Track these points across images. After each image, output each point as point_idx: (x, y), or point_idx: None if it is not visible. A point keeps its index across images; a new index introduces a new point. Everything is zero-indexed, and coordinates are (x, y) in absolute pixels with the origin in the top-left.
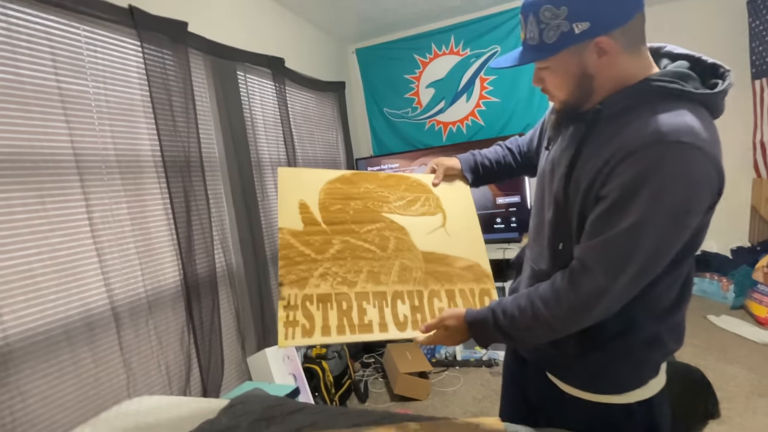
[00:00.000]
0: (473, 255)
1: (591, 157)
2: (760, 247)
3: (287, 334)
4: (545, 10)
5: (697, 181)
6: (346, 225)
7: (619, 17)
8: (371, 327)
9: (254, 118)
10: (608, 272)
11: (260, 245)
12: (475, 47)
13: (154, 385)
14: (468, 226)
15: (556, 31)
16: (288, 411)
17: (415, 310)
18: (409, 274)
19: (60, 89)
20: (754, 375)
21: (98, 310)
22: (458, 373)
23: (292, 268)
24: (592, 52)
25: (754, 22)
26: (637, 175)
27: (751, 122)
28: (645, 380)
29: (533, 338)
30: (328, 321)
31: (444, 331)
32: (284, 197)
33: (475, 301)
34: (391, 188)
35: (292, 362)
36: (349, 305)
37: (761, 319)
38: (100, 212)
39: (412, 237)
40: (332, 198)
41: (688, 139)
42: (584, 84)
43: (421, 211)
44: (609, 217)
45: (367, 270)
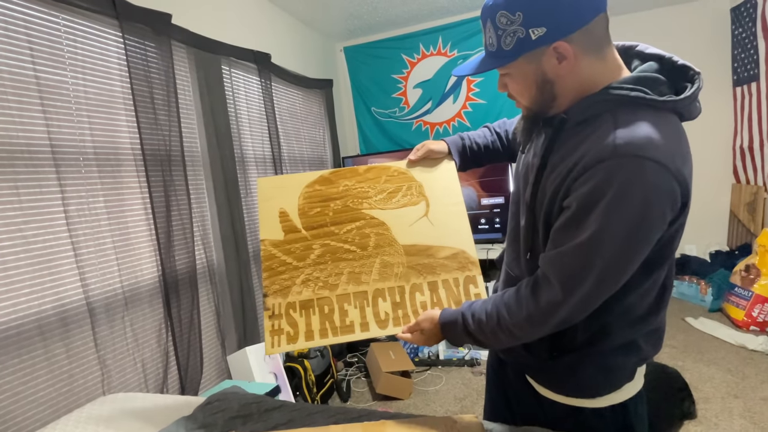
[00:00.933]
0: (458, 242)
1: (556, 166)
2: (738, 251)
3: (273, 343)
4: (501, 16)
5: (655, 194)
6: (325, 228)
7: (577, 21)
8: (353, 328)
9: (239, 113)
10: (565, 285)
11: (242, 242)
12: (463, 49)
13: (129, 383)
14: (453, 212)
15: (512, 38)
16: (265, 408)
17: (396, 306)
18: (390, 270)
19: (37, 79)
20: (730, 377)
21: (73, 305)
22: (440, 372)
23: (276, 278)
24: (551, 57)
25: (737, 29)
26: (593, 189)
27: (731, 128)
28: (619, 385)
29: (498, 343)
30: (311, 326)
31: (420, 334)
32: (264, 207)
33: (459, 291)
34: (371, 182)
35: (273, 361)
36: (331, 308)
37: (738, 321)
38: (76, 205)
39: (393, 231)
40: (311, 202)
41: (644, 152)
42: (545, 90)
43: (403, 201)
44: (567, 229)
45: (348, 271)
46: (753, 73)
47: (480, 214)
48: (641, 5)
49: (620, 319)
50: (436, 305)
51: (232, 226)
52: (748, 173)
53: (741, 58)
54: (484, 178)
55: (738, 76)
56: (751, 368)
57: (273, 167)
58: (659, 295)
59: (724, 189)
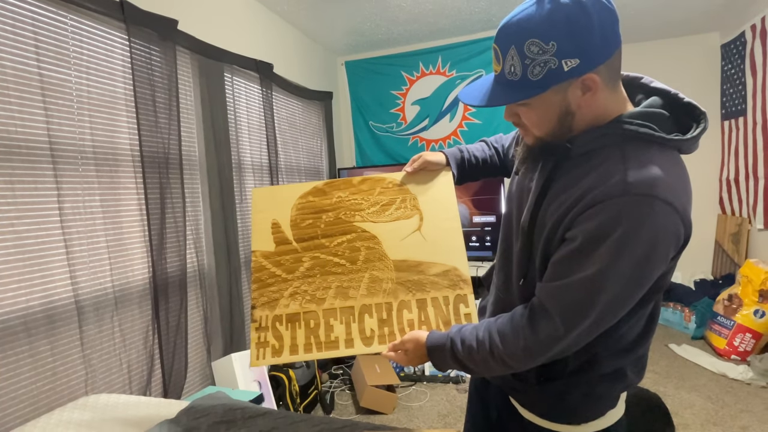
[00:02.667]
0: (450, 258)
1: (557, 195)
2: (722, 281)
3: (258, 355)
4: (531, 44)
5: (662, 235)
6: (316, 240)
7: (606, 53)
8: (337, 344)
9: (238, 120)
10: (567, 319)
11: (234, 248)
12: (461, 69)
13: (113, 384)
14: (446, 227)
15: (543, 68)
16: (249, 415)
17: (382, 323)
18: (379, 285)
19: (41, 76)
20: (710, 404)
21: (61, 302)
22: (425, 388)
23: (264, 290)
24: (576, 88)
25: (727, 65)
26: (603, 225)
27: (719, 160)
28: (603, 411)
29: (488, 371)
30: (296, 340)
31: (404, 355)
32: (257, 218)
33: (448, 310)
34: (364, 193)
35: (258, 369)
36: (317, 323)
37: (720, 350)
38: (71, 203)
39: (384, 245)
40: (303, 214)
41: (655, 192)
42: (565, 122)
43: (396, 215)
44: (571, 263)
45: (336, 285)
46: (740, 108)
47: (471, 232)
48: (634, 37)
49: (610, 349)
50: (424, 324)
51: (225, 232)
52: (734, 205)
53: (729, 93)
54: (476, 197)
55: (726, 111)
56: (730, 397)
57: (270, 175)
58: (647, 324)
59: (710, 219)
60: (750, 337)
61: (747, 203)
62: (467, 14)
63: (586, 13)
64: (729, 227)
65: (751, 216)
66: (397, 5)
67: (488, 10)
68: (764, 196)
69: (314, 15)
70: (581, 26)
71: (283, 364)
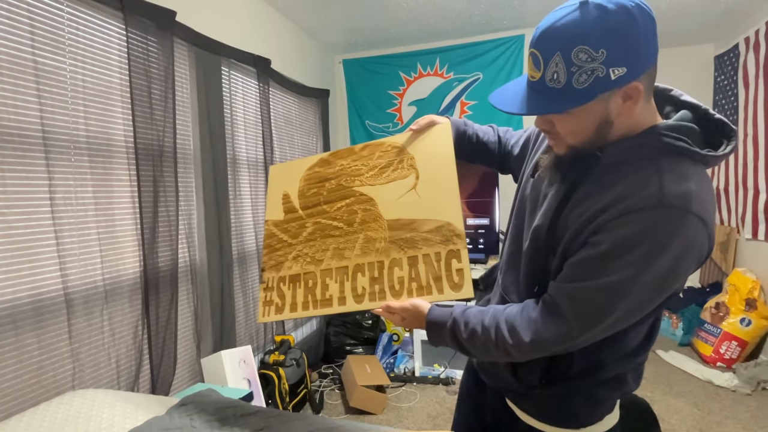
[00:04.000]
0: (444, 214)
1: (583, 200)
2: (710, 289)
3: (264, 312)
4: (580, 51)
5: (690, 249)
6: (318, 207)
7: (649, 61)
8: (331, 302)
9: (234, 114)
10: (580, 323)
11: (227, 244)
12: (459, 72)
13: (101, 379)
14: (442, 182)
15: (590, 76)
16: (241, 413)
17: (373, 281)
18: (372, 245)
19: (35, 63)
20: (696, 411)
21: (50, 294)
22: (415, 389)
23: (273, 254)
24: (618, 97)
25: (720, 76)
26: (634, 234)
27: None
28: (602, 416)
29: (486, 357)
30: (296, 299)
31: (401, 319)
32: (271, 191)
33: (439, 267)
34: (365, 159)
35: (248, 367)
36: (314, 282)
37: (706, 357)
38: (63, 193)
39: (380, 206)
40: (309, 183)
41: (690, 206)
42: (602, 131)
43: (393, 176)
44: (593, 266)
45: (333, 247)
46: (732, 119)
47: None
48: None
49: (613, 354)
50: (414, 281)
51: (218, 227)
52: (723, 214)
53: (722, 104)
54: (471, 199)
55: None
56: (716, 403)
57: (264, 171)
58: (650, 332)
59: None
60: (736, 344)
61: (736, 213)
62: (467, 17)
63: (633, 20)
64: (718, 236)
65: (739, 226)
66: (397, 5)
67: (488, 13)
68: (753, 206)
69: (313, 12)
70: (631, 33)
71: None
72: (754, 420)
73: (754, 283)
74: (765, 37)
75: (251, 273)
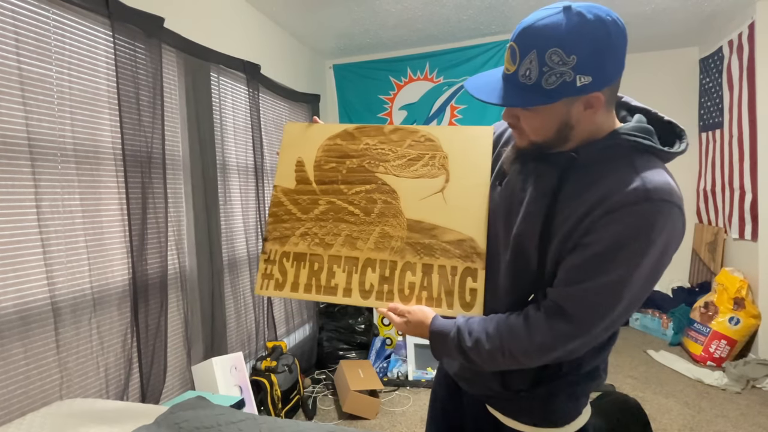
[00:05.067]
0: (468, 228)
1: (567, 204)
2: (699, 289)
3: (262, 285)
4: (553, 54)
5: (676, 238)
6: (335, 185)
7: (615, 75)
8: (336, 291)
9: (224, 120)
10: (587, 322)
11: (217, 251)
12: (449, 76)
13: (89, 388)
14: (472, 193)
15: (558, 78)
16: (230, 420)
17: (383, 280)
18: (388, 242)
19: (20, 70)
20: (687, 410)
21: (37, 303)
22: (408, 393)
23: (278, 225)
24: (580, 104)
25: (705, 79)
26: (625, 230)
27: (696, 171)
28: (580, 410)
29: (492, 365)
30: (299, 279)
31: (405, 324)
32: (284, 154)
33: (453, 281)
34: (393, 144)
35: (239, 373)
36: (320, 267)
37: (696, 356)
38: (49, 201)
39: (402, 202)
40: (328, 156)
41: (670, 198)
42: (563, 132)
43: (422, 172)
44: (591, 267)
45: (345, 234)
46: (717, 120)
47: None
48: None
49: (590, 350)
50: (425, 290)
51: (208, 234)
52: (710, 214)
53: (707, 106)
54: None
55: (704, 123)
56: (706, 402)
57: (255, 176)
58: None
59: (687, 228)
60: (725, 343)
61: (723, 213)
62: (455, 22)
63: (608, 34)
64: (705, 236)
65: (726, 226)
66: (386, 10)
67: (476, 18)
68: (739, 206)
69: (303, 17)
70: (602, 46)
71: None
72: (743, 418)
73: (741, 282)
74: (748, 40)
75: (242, 279)
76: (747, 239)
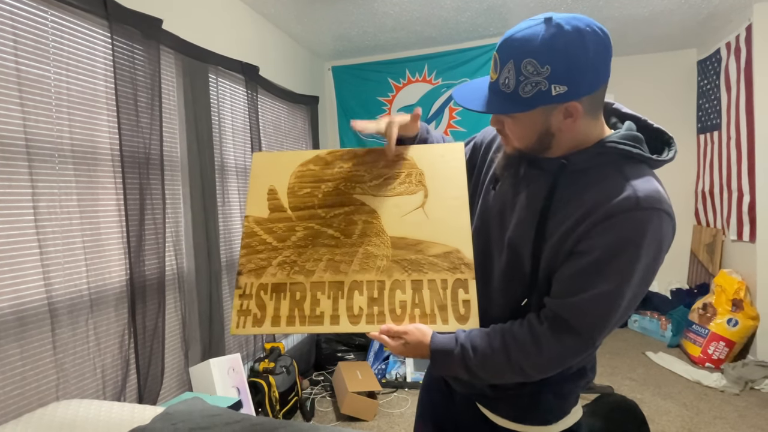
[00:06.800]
0: (453, 239)
1: (559, 210)
2: (697, 290)
3: (239, 323)
4: (528, 64)
5: (665, 243)
6: (312, 210)
7: (593, 86)
8: (322, 319)
9: (222, 122)
10: (592, 333)
11: (215, 252)
12: (447, 78)
13: (86, 389)
14: (452, 205)
15: (533, 88)
16: (227, 421)
17: (372, 302)
18: (373, 262)
19: (18, 71)
20: (685, 411)
21: (34, 304)
22: (407, 394)
23: (253, 257)
24: (559, 113)
25: (703, 81)
26: (619, 239)
27: (694, 173)
28: (569, 409)
29: (499, 380)
30: (279, 311)
31: (403, 346)
32: (255, 183)
33: (445, 294)
34: (368, 165)
35: (237, 375)
36: (303, 295)
37: (695, 358)
38: (47, 201)
39: (383, 220)
40: (302, 182)
41: (660, 206)
42: (544, 140)
43: (399, 190)
44: (589, 276)
45: (327, 258)
46: (715, 122)
47: None
48: (616, 51)
49: None
50: (417, 307)
51: (206, 235)
52: (708, 216)
53: (705, 108)
54: None
55: (702, 125)
56: (705, 404)
57: None
58: None
59: (685, 230)
60: (723, 345)
61: (721, 215)
62: (453, 24)
63: (584, 45)
64: (704, 238)
65: (725, 227)
66: (385, 12)
67: (474, 20)
68: (737, 208)
69: (301, 19)
70: (577, 57)
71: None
72: (742, 420)
73: (739, 283)
74: (745, 43)
75: None
76: (745, 241)
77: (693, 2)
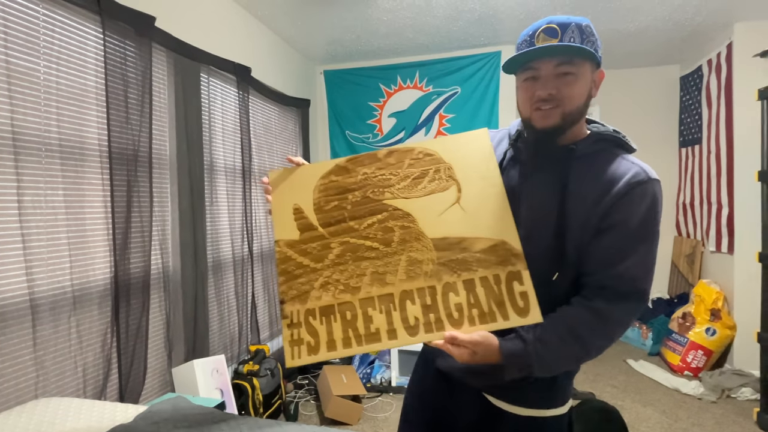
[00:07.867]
0: (496, 231)
1: (577, 190)
2: (677, 300)
3: (293, 354)
4: (588, 27)
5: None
6: (344, 224)
7: None
8: (379, 336)
9: (212, 122)
10: (642, 295)
11: (202, 251)
12: (438, 85)
13: (66, 387)
14: (488, 195)
15: (592, 45)
16: (212, 420)
17: (427, 309)
18: (419, 268)
19: (8, 64)
20: (665, 418)
21: (14, 299)
22: (392, 399)
23: (292, 282)
24: (596, 78)
25: (685, 96)
26: (646, 206)
27: (675, 185)
28: (571, 391)
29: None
30: (333, 335)
31: (471, 354)
32: (277, 204)
33: (501, 290)
34: (392, 167)
35: (220, 376)
36: (354, 314)
37: (674, 366)
38: (32, 196)
39: (420, 223)
40: (327, 195)
41: (656, 176)
42: (586, 105)
43: (430, 188)
44: (626, 245)
45: (370, 272)
46: (696, 136)
47: None
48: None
49: None
50: (474, 307)
51: (193, 234)
52: (689, 227)
53: (687, 122)
54: None
55: (683, 138)
56: (683, 411)
57: (242, 178)
58: None
59: (666, 241)
60: (702, 354)
61: (701, 226)
62: (445, 32)
63: None
64: (684, 249)
65: (704, 239)
66: (378, 18)
67: (466, 29)
68: (716, 220)
69: (294, 22)
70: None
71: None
72: (718, 426)
73: (718, 294)
74: (726, 60)
75: (226, 281)
76: (723, 252)
77: (677, 20)
